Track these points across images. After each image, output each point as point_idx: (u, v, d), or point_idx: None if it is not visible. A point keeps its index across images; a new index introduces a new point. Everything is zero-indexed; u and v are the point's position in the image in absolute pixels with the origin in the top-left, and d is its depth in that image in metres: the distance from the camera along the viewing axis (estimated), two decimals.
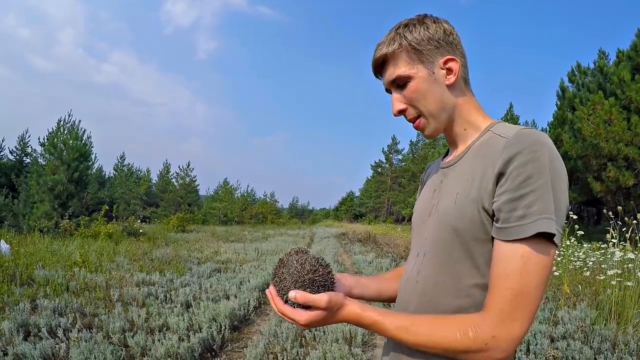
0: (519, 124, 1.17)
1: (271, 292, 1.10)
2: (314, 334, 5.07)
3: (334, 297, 1.03)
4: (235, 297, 6.64)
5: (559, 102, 17.45)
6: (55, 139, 18.10)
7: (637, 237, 6.74)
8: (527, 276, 0.94)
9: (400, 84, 1.17)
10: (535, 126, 36.02)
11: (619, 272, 5.91)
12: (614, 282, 5.70)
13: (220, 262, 10.96)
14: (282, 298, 1.07)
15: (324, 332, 5.11)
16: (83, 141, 18.68)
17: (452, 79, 1.14)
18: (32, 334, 4.73)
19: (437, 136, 1.25)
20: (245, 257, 12.22)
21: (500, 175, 1.01)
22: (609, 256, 6.99)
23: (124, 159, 51.96)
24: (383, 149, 65.75)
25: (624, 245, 6.62)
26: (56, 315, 5.33)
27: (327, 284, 1.07)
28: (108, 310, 5.76)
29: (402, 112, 1.20)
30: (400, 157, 64.83)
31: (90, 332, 4.71)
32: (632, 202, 13.11)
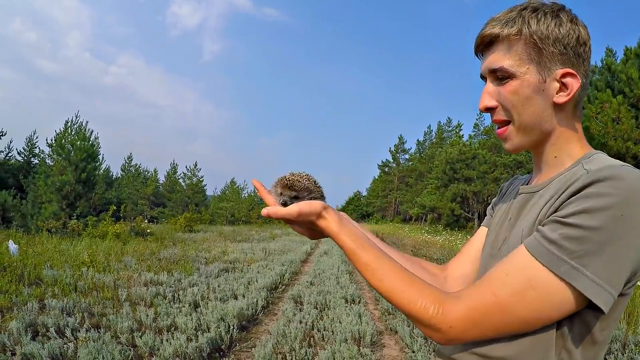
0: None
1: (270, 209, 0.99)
2: (322, 334, 5.06)
3: (304, 209, 0.97)
4: (244, 296, 6.63)
5: None
6: (63, 140, 18.18)
7: None
8: (520, 301, 0.84)
9: (500, 77, 0.97)
10: None
11: None
12: None
13: (228, 262, 10.96)
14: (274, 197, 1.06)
15: (332, 332, 5.09)
16: (90, 142, 18.74)
17: (563, 97, 0.94)
18: (40, 334, 4.74)
19: (517, 152, 1.06)
20: (253, 257, 12.22)
21: (558, 207, 0.87)
22: None
23: (131, 160, 52.17)
24: (390, 148, 65.69)
25: None
26: (64, 315, 5.33)
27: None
28: (116, 310, 5.76)
29: (489, 110, 1.01)
30: (407, 156, 64.74)
31: (98, 332, 4.71)
32: None
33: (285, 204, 1.02)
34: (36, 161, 30.23)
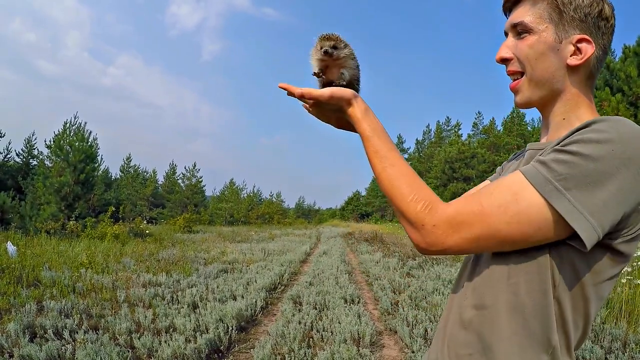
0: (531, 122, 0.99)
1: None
2: (321, 335, 5.04)
3: (337, 92, 1.06)
4: (242, 297, 6.62)
5: None
6: (62, 141, 18.17)
7: None
8: (501, 214, 0.86)
9: (520, 31, 1.03)
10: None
11: (629, 270, 5.85)
12: (624, 280, 5.64)
13: (226, 263, 10.95)
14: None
15: (331, 332, 5.08)
16: (89, 143, 18.74)
17: (576, 60, 0.98)
18: (38, 336, 4.72)
19: (525, 108, 1.11)
20: (252, 258, 12.21)
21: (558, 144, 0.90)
22: None
23: (130, 161, 52.31)
24: None
25: None
26: (62, 316, 5.32)
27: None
28: (114, 312, 5.74)
29: (504, 61, 1.06)
30: (406, 156, 64.73)
31: (97, 333, 4.69)
32: None
33: (326, 53, 1.12)
34: (35, 162, 30.25)
